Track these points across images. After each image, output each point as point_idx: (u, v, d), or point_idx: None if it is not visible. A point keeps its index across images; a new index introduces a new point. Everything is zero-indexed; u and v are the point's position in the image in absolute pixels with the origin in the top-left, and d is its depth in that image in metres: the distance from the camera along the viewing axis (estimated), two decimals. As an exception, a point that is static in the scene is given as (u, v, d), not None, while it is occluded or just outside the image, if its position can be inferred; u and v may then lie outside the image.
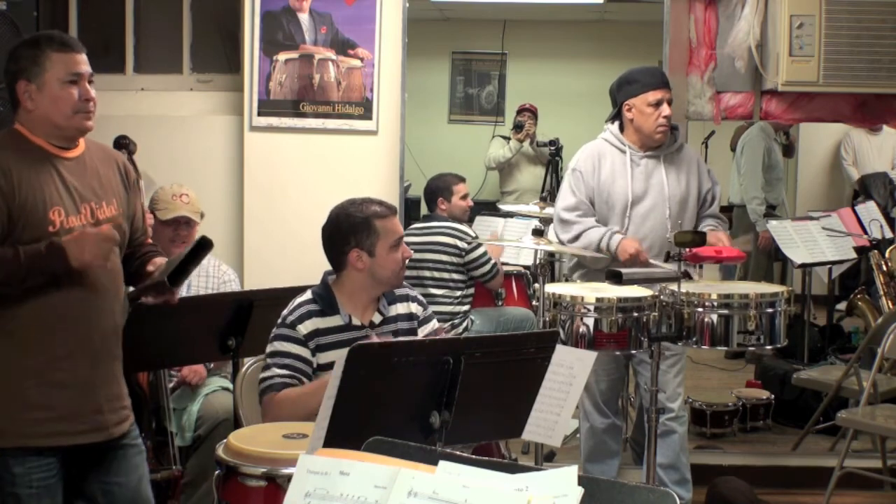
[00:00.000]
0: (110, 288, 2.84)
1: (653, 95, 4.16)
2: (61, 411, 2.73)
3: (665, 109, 4.14)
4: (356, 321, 3.17)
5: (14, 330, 2.70)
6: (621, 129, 4.25)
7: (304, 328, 3.11)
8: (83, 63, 2.77)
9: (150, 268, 2.96)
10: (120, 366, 2.92)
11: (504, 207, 7.00)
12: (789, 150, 7.23)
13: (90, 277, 2.74)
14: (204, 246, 2.89)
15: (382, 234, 3.13)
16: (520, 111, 7.80)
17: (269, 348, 3.13)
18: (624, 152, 4.22)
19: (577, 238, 4.17)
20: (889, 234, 5.83)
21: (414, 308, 3.31)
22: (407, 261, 3.23)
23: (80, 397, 2.76)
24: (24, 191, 2.66)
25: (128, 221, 2.94)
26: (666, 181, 4.19)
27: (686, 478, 4.24)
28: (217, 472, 2.68)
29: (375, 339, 3.03)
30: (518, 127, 7.67)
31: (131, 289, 3.33)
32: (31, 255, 2.63)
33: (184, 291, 4.13)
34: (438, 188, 5.44)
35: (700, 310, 3.55)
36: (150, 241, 3.13)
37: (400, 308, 3.28)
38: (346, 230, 3.15)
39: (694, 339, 3.58)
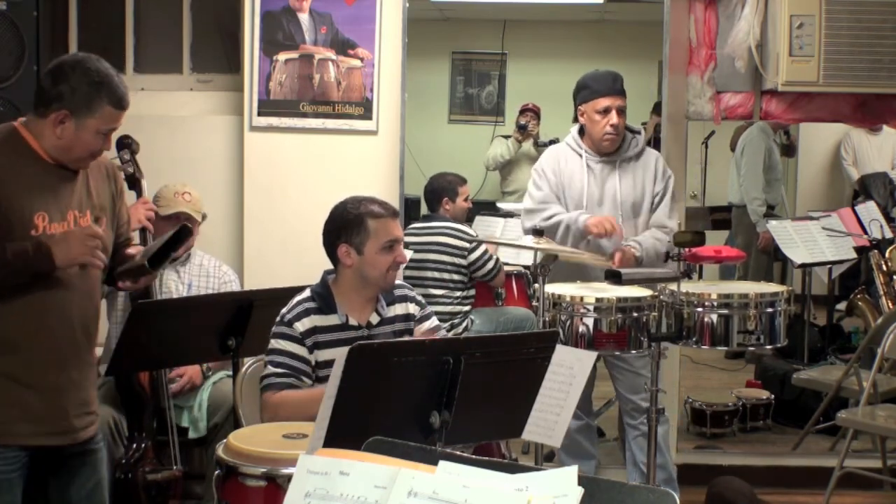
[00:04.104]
0: (84, 294, 2.82)
1: (601, 102, 4.16)
2: (27, 412, 2.73)
3: (613, 118, 4.13)
4: (353, 321, 3.18)
5: None
6: (582, 133, 4.26)
7: (302, 325, 3.12)
8: (122, 118, 2.79)
9: (132, 251, 2.99)
10: (91, 372, 2.92)
11: (504, 207, 7.00)
12: (790, 149, 7.23)
13: (65, 282, 2.73)
14: (184, 233, 2.91)
15: (374, 234, 3.13)
16: (522, 111, 7.78)
17: (269, 346, 3.14)
18: (581, 156, 4.23)
19: (549, 218, 4.18)
20: (889, 234, 5.82)
21: (412, 308, 3.31)
22: (401, 266, 3.23)
23: (47, 400, 2.76)
24: (10, 189, 2.66)
25: (112, 227, 2.93)
26: (619, 187, 4.19)
27: (672, 477, 4.24)
28: (217, 472, 2.68)
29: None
30: (522, 128, 7.65)
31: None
32: (18, 252, 2.64)
33: (184, 291, 4.14)
34: (443, 188, 5.43)
35: (700, 310, 3.56)
36: (132, 242, 3.13)
37: (398, 309, 3.28)
38: (339, 224, 3.17)
39: (694, 339, 3.59)
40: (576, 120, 4.31)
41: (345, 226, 3.15)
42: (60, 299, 2.74)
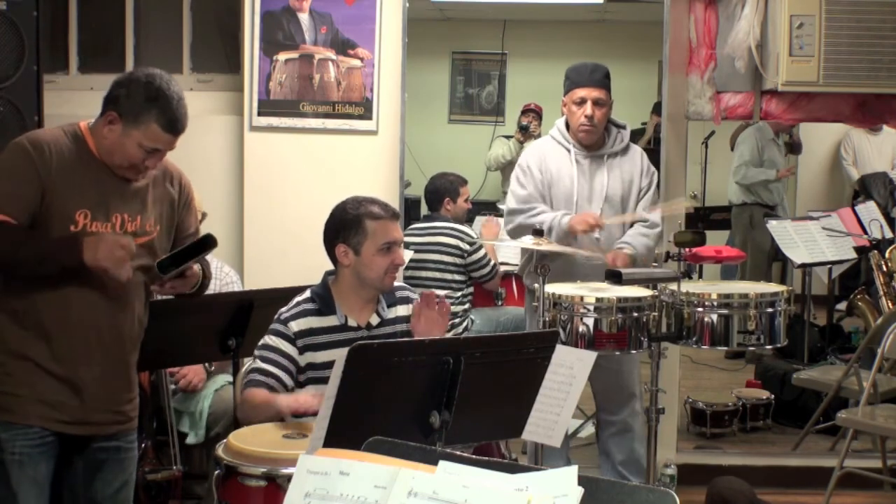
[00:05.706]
0: (125, 297, 2.85)
1: (577, 93, 4.13)
2: (43, 396, 2.76)
3: (587, 109, 4.09)
4: (352, 322, 3.17)
5: (19, 311, 2.74)
6: (568, 127, 4.23)
7: (296, 325, 3.12)
8: (173, 142, 2.83)
9: None
10: (127, 370, 2.93)
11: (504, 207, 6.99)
12: (795, 147, 7.24)
13: (100, 280, 2.74)
14: (207, 243, 2.88)
15: (371, 235, 3.12)
16: (524, 111, 7.78)
17: (262, 341, 3.15)
18: (568, 151, 4.20)
19: (533, 216, 4.09)
20: (889, 234, 5.83)
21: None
22: (399, 268, 3.23)
23: (66, 391, 2.78)
24: (57, 184, 2.71)
25: (170, 234, 2.96)
26: (607, 183, 4.16)
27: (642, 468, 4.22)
28: (217, 472, 2.68)
29: None
30: (524, 128, 7.65)
31: None
32: (50, 240, 2.69)
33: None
34: (446, 189, 5.44)
35: (700, 310, 3.56)
36: None
37: (400, 310, 3.28)
38: (338, 224, 3.17)
39: (694, 339, 3.59)
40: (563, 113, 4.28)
41: (343, 226, 3.15)
42: (97, 299, 2.78)
